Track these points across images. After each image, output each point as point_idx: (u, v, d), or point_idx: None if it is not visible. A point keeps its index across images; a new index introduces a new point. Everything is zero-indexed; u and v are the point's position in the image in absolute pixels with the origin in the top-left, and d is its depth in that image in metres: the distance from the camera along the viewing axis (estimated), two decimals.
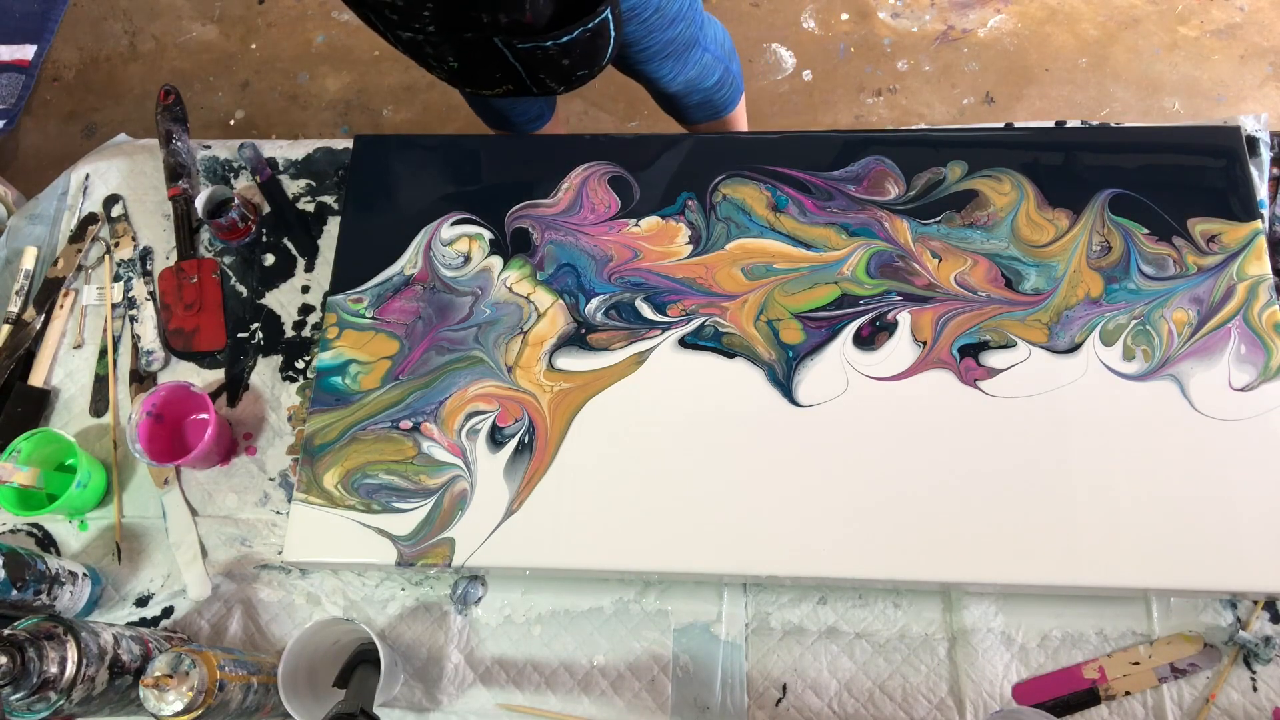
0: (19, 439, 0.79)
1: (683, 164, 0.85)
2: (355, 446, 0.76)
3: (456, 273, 0.82)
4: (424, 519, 0.74)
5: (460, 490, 0.74)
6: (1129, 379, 0.74)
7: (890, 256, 0.80)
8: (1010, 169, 0.82)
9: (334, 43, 1.87)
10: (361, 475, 0.75)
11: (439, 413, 0.77)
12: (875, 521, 0.71)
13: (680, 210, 0.83)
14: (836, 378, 0.76)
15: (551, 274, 0.82)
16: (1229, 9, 1.87)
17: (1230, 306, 0.76)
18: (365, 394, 0.78)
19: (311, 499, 0.75)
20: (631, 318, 0.79)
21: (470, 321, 0.80)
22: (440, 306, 0.81)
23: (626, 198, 0.84)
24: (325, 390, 0.79)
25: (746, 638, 0.76)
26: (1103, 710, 0.72)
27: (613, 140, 0.89)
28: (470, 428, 0.76)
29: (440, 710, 0.75)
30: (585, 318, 0.80)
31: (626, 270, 0.81)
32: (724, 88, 1.09)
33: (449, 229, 0.84)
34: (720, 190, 0.83)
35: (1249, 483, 0.71)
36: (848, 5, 1.93)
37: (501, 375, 0.78)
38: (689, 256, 0.81)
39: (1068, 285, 0.78)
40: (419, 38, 0.77)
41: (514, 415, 0.76)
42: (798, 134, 1.00)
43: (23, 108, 1.94)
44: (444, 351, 0.79)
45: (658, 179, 0.84)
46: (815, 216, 0.82)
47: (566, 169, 0.86)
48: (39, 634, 0.61)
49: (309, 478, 0.76)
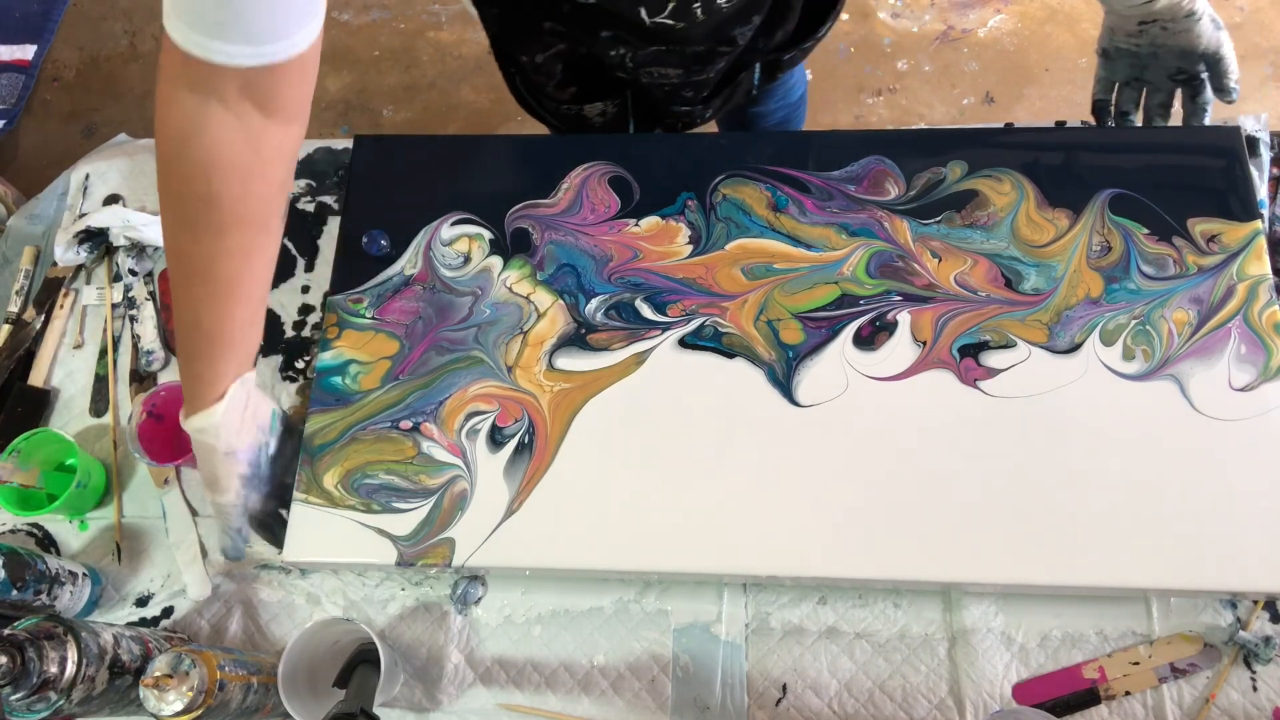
0: (19, 439, 0.79)
1: (683, 164, 0.85)
2: (355, 446, 0.76)
3: (456, 273, 0.82)
4: (424, 519, 0.73)
5: (460, 490, 0.74)
6: (1129, 379, 0.74)
7: (890, 256, 0.80)
8: (1010, 169, 0.82)
9: (334, 43, 1.87)
10: (361, 475, 0.75)
11: (439, 413, 0.77)
12: (876, 521, 0.71)
13: (680, 210, 0.83)
14: (836, 378, 0.76)
15: (551, 274, 0.81)
16: (1229, 9, 1.86)
17: (1230, 306, 0.76)
18: (365, 394, 0.78)
19: (311, 499, 0.75)
20: (631, 318, 0.79)
21: (470, 321, 0.80)
22: (440, 306, 0.81)
23: (626, 198, 0.84)
24: (325, 390, 0.79)
25: (746, 638, 0.76)
26: (1103, 710, 0.72)
27: (612, 140, 0.88)
28: (470, 428, 0.76)
29: (440, 710, 0.75)
30: (585, 318, 0.79)
31: (626, 270, 0.81)
32: (801, 105, 1.10)
33: (449, 229, 0.84)
34: (720, 190, 0.83)
35: (1250, 483, 0.71)
36: (848, 5, 1.93)
37: (501, 375, 0.78)
38: (689, 256, 0.81)
39: (1068, 285, 0.78)
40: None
41: (514, 415, 0.76)
42: (797, 134, 1.00)
43: (23, 108, 1.94)
44: (444, 351, 0.79)
45: (658, 179, 0.84)
46: (815, 216, 0.81)
47: (566, 169, 0.85)
48: (39, 634, 0.61)
49: (309, 477, 0.75)
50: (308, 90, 0.62)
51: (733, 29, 0.78)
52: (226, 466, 0.70)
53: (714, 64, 0.83)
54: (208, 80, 0.57)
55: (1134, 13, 0.77)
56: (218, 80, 0.57)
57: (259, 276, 0.67)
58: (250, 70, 0.57)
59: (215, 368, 0.67)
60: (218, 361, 0.67)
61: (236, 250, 0.64)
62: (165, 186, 0.62)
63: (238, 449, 0.70)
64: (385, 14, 1.93)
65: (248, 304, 0.67)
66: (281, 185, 0.65)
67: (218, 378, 0.68)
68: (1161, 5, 0.76)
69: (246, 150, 0.61)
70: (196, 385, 0.68)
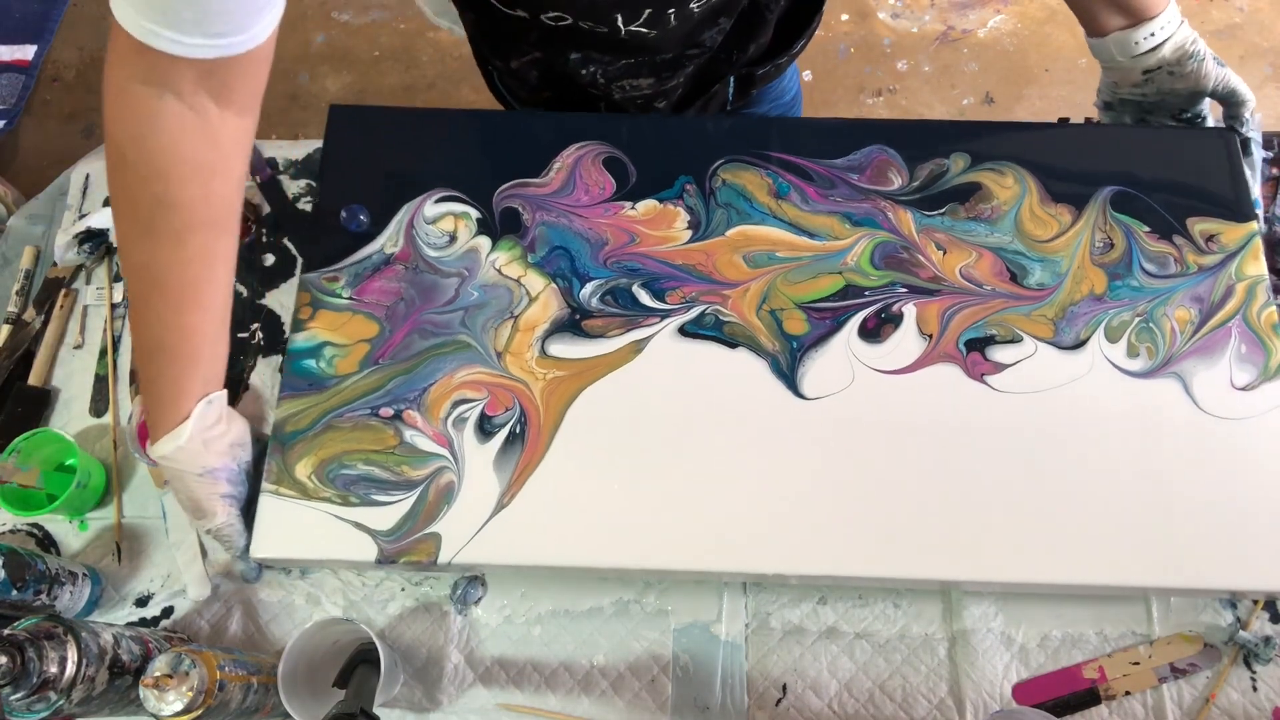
0: (19, 439, 0.79)
1: (680, 147, 0.83)
2: (330, 434, 0.73)
3: (441, 252, 0.79)
4: (407, 513, 0.71)
5: (447, 482, 0.71)
6: (1134, 376, 0.74)
7: (895, 247, 0.79)
8: (1013, 162, 0.81)
9: (334, 43, 1.87)
10: (338, 465, 0.72)
11: (423, 400, 0.74)
12: (880, 517, 0.70)
13: (679, 194, 0.81)
14: (842, 370, 0.74)
15: (544, 256, 0.78)
16: (1228, 9, 1.86)
17: (1230, 306, 0.76)
18: (342, 379, 0.74)
19: (282, 490, 0.71)
20: (629, 304, 0.77)
21: (456, 304, 0.77)
22: (424, 288, 0.78)
23: (622, 180, 0.81)
24: (297, 374, 0.75)
25: (746, 638, 0.76)
26: (1103, 710, 0.72)
27: (606, 119, 0.85)
28: (457, 416, 0.73)
29: (440, 710, 0.75)
30: (580, 303, 0.77)
31: (623, 255, 0.79)
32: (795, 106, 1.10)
33: (433, 206, 0.80)
34: (720, 175, 0.81)
35: (1252, 482, 0.71)
36: (848, 5, 1.93)
37: (491, 361, 0.75)
38: (688, 242, 0.79)
39: (1072, 281, 0.77)
40: None
41: (504, 404, 0.74)
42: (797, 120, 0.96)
43: (23, 108, 1.94)
44: (428, 335, 0.76)
45: (654, 161, 0.82)
46: (818, 205, 0.80)
47: (558, 148, 0.82)
48: (39, 634, 0.61)
49: (279, 467, 0.72)
50: (264, 81, 0.59)
51: (702, 33, 0.78)
52: (206, 489, 0.67)
53: (683, 68, 0.82)
54: (163, 73, 0.54)
55: (1137, 63, 0.77)
56: (174, 72, 0.54)
57: (221, 283, 0.64)
58: (208, 62, 0.53)
59: (179, 385, 0.64)
60: (181, 379, 0.64)
61: (197, 256, 0.61)
62: (119, 190, 0.59)
63: (214, 467, 0.67)
64: (385, 14, 1.93)
65: (211, 314, 0.64)
66: (240, 182, 0.62)
67: (182, 396, 0.64)
68: (1167, 52, 0.76)
69: (205, 146, 0.57)
70: (159, 407, 0.64)
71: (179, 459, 0.66)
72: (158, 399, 0.65)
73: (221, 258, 0.63)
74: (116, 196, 0.59)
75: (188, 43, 0.52)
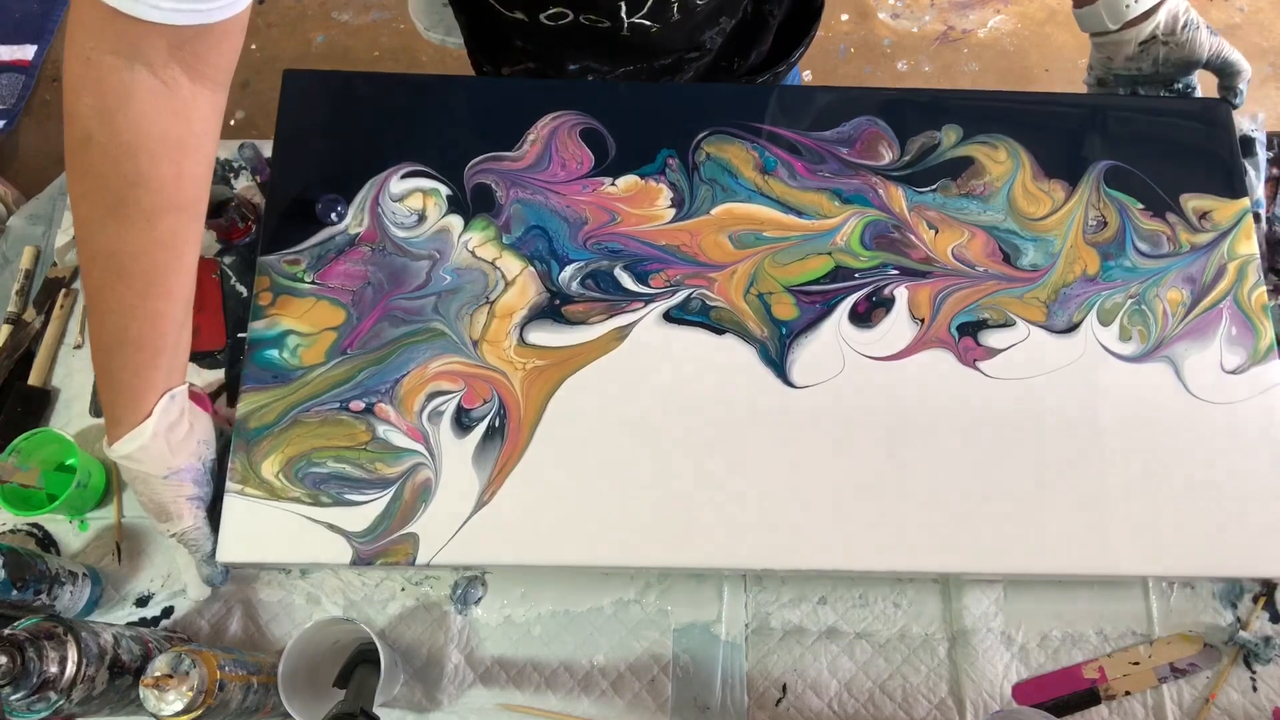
0: (19, 439, 0.79)
1: (661, 117, 0.78)
2: (298, 430, 0.69)
3: (410, 233, 0.74)
4: (382, 512, 0.68)
5: (423, 480, 0.68)
6: (1126, 360, 0.74)
7: (885, 226, 0.76)
8: (1006, 136, 0.79)
9: (334, 43, 1.87)
10: (307, 463, 0.68)
11: (395, 392, 0.70)
12: (872, 509, 0.69)
13: (661, 169, 0.77)
14: (833, 356, 0.72)
15: (520, 237, 0.74)
16: (1229, 9, 1.86)
17: (1221, 286, 0.76)
18: (307, 370, 0.71)
19: (248, 490, 0.68)
20: (611, 288, 0.73)
21: (428, 289, 0.73)
22: (392, 271, 0.73)
23: (601, 153, 0.77)
24: (260, 365, 0.71)
25: (746, 638, 0.76)
26: (1103, 710, 0.72)
27: (582, 87, 0.80)
28: (433, 409, 0.70)
29: (440, 710, 0.75)
30: (559, 287, 0.73)
31: (603, 235, 0.75)
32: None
33: (399, 182, 0.76)
34: (704, 148, 0.77)
35: (1243, 467, 0.71)
36: (847, 5, 1.92)
37: (466, 350, 0.71)
38: (671, 221, 0.75)
39: (1065, 261, 0.76)
40: None
41: (482, 396, 0.70)
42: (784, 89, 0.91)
43: (23, 108, 1.94)
44: (399, 323, 0.72)
45: (634, 133, 0.78)
46: (806, 181, 0.77)
47: (531, 118, 0.78)
48: (39, 634, 0.61)
49: (244, 466, 0.68)
50: (236, 57, 0.56)
51: (703, 33, 0.77)
52: (171, 491, 0.64)
53: (683, 73, 0.81)
54: (134, 42, 0.51)
55: (1130, 34, 0.77)
56: (145, 41, 0.51)
57: (187, 269, 0.61)
58: (183, 30, 0.50)
59: (142, 378, 0.61)
60: (145, 371, 0.61)
61: (168, 239, 0.57)
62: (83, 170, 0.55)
63: (180, 468, 0.64)
64: (385, 14, 1.93)
65: (177, 303, 0.61)
66: (209, 164, 0.59)
67: (145, 390, 0.61)
68: (1160, 19, 0.75)
69: (177, 123, 0.54)
70: (119, 403, 0.61)
71: (142, 459, 0.63)
72: (117, 394, 0.61)
73: (190, 243, 0.60)
74: (80, 177, 0.55)
75: (165, 7, 0.49)
